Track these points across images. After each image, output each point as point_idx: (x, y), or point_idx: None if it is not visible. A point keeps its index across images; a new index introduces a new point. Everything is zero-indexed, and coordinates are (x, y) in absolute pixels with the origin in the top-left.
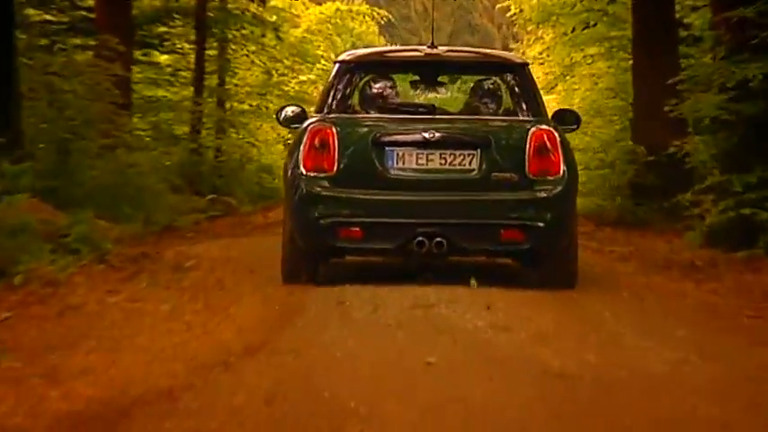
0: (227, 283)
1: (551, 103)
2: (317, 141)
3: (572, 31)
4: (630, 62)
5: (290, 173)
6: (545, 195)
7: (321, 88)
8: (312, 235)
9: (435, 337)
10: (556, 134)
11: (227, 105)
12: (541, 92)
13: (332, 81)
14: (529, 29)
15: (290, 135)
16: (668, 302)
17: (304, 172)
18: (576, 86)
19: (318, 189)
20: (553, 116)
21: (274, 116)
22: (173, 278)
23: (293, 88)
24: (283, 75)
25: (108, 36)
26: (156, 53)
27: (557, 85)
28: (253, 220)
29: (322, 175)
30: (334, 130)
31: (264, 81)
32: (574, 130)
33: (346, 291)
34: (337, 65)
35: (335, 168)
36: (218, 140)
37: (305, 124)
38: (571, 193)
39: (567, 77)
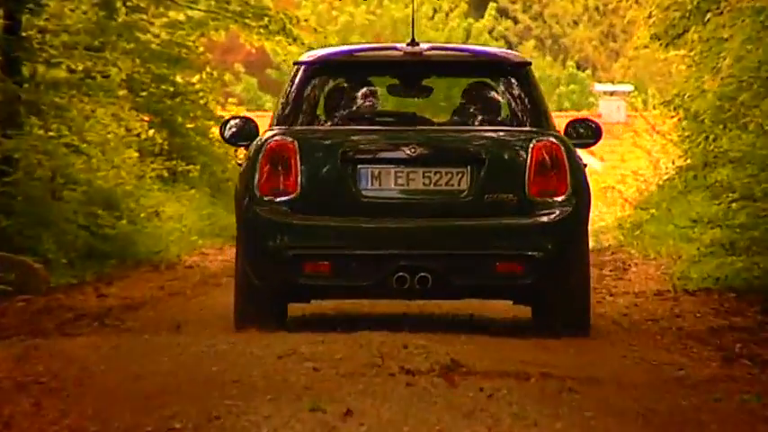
0: None
1: (678, 66)
2: (275, 159)
3: None
4: None
5: (242, 198)
6: (548, 220)
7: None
8: (271, 270)
9: None
10: (562, 147)
11: (26, 71)
12: (660, 46)
13: (292, 86)
14: None
15: (151, 133)
16: None
17: (260, 196)
18: (727, 34)
19: (278, 216)
20: (565, 129)
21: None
22: None
23: (157, 36)
24: (137, 10)
25: None
26: None
27: (686, 31)
28: (76, 303)
29: (282, 198)
30: (295, 144)
31: (101, 22)
32: (591, 145)
33: None
34: (298, 67)
35: (298, 191)
36: (5, 141)
37: (261, 138)
38: (580, 217)
39: (709, 15)
